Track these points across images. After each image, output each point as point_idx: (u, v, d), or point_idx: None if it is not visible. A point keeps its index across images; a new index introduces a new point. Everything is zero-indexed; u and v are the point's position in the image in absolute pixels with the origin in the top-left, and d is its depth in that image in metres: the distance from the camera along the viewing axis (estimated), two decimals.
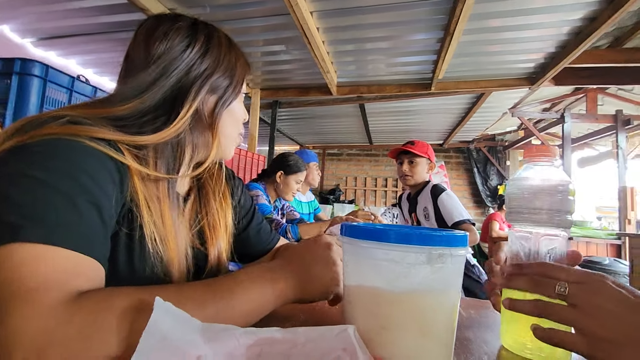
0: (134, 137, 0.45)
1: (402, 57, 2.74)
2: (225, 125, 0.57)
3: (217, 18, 2.26)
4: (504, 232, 4.29)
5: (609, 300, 0.35)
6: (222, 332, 0.34)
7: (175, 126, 0.49)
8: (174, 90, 0.50)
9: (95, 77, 3.36)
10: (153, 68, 0.49)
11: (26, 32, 2.65)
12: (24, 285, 0.30)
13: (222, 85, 0.55)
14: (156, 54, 0.50)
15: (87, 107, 0.46)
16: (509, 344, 0.47)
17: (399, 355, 0.36)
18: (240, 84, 0.58)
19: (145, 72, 0.49)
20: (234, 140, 0.61)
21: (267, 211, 1.70)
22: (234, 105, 0.58)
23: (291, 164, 1.87)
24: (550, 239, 0.47)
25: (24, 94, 1.38)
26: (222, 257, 0.60)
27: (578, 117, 4.09)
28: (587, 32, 2.14)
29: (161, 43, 0.50)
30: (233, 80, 0.56)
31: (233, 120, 0.59)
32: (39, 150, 0.36)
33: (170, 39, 0.51)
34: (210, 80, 0.53)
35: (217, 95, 0.55)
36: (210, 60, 0.53)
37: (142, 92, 0.48)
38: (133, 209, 0.45)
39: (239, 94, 0.59)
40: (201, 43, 0.53)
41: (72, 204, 0.35)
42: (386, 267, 0.36)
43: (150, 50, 0.50)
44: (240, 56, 0.58)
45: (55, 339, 0.29)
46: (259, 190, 1.77)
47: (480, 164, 6.06)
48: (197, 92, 0.51)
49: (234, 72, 0.56)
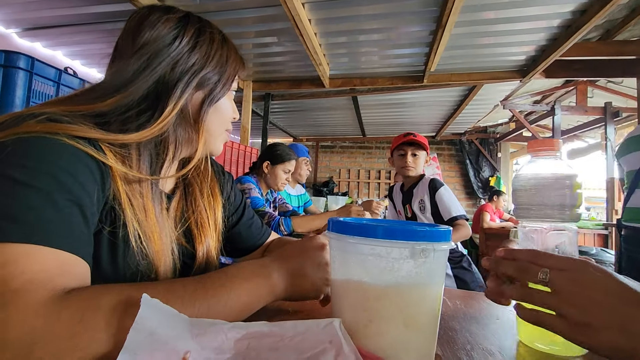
0: (116, 136, 0.44)
1: (395, 50, 2.73)
2: (212, 122, 0.56)
3: (207, 9, 2.23)
4: (494, 223, 4.36)
5: (588, 285, 0.36)
6: (209, 327, 0.34)
7: (160, 124, 0.47)
8: (159, 84, 0.49)
9: (83, 68, 3.30)
10: (137, 58, 0.48)
11: (10, 22, 2.58)
12: (8, 285, 0.30)
13: (210, 82, 0.53)
14: (142, 44, 0.48)
15: (70, 102, 0.45)
16: (524, 337, 0.48)
17: (384, 347, 0.37)
18: (230, 81, 0.56)
19: (129, 62, 0.47)
20: (221, 137, 0.60)
21: (259, 204, 1.70)
22: (222, 102, 0.57)
23: (277, 154, 1.86)
24: (559, 234, 0.47)
25: (9, 87, 1.35)
26: (210, 255, 0.60)
27: (568, 109, 4.14)
28: (578, 25, 2.16)
29: (148, 33, 0.49)
30: (223, 76, 0.55)
31: (220, 118, 0.58)
32: (16, 149, 0.35)
33: (157, 29, 0.49)
34: (199, 75, 0.52)
35: (205, 92, 0.53)
36: (199, 54, 0.52)
37: (125, 85, 0.47)
38: (115, 207, 0.44)
39: (228, 90, 0.57)
40: (190, 36, 0.51)
41: (52, 202, 0.35)
42: (372, 261, 0.37)
43: (137, 41, 0.49)
44: (233, 53, 0.57)
45: (43, 337, 0.29)
46: (251, 184, 1.76)
47: (473, 156, 6.11)
48: (184, 87, 0.50)
49: (224, 69, 0.55)
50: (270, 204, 1.95)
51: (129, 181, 0.46)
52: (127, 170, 0.45)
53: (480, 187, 5.99)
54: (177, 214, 0.58)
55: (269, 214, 1.69)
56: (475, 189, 5.99)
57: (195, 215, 0.59)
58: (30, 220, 0.33)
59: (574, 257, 0.42)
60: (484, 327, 0.53)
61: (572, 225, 0.48)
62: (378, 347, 0.36)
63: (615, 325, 0.34)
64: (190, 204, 0.60)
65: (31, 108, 0.42)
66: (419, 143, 1.83)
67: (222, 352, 0.33)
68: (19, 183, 0.34)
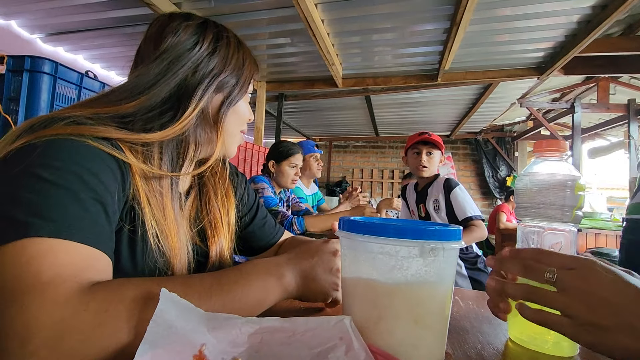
0: (140, 135, 0.46)
1: (408, 49, 2.71)
2: (230, 123, 0.58)
3: (222, 12, 2.26)
4: (511, 224, 4.27)
5: (597, 285, 0.35)
6: (224, 321, 0.35)
7: (182, 123, 0.50)
8: (181, 87, 0.51)
9: (103, 71, 3.40)
10: (159, 62, 0.50)
11: (35, 27, 2.68)
12: (39, 278, 0.32)
13: (229, 84, 0.56)
14: (164, 49, 0.51)
15: (96, 104, 0.48)
16: (515, 335, 0.48)
17: (394, 344, 0.37)
18: (247, 83, 0.59)
19: (152, 66, 0.50)
20: (237, 138, 0.62)
21: (272, 204, 1.71)
22: (240, 105, 0.59)
23: (280, 151, 1.86)
24: (555, 234, 0.47)
25: (35, 90, 1.41)
26: (224, 255, 0.62)
27: (589, 106, 4.02)
28: (598, 20, 2.10)
29: (170, 39, 0.52)
30: (240, 79, 0.57)
31: (237, 119, 0.60)
32: (45, 151, 0.38)
33: (178, 35, 0.52)
34: (218, 79, 0.54)
35: (224, 94, 0.56)
36: (218, 59, 0.54)
37: (149, 87, 0.49)
38: (135, 206, 0.46)
39: (245, 93, 0.60)
40: (209, 41, 0.54)
41: (78, 200, 0.37)
42: (381, 260, 0.38)
43: (159, 46, 0.51)
44: (248, 56, 0.59)
45: (72, 326, 0.31)
46: (264, 183, 1.78)
47: (489, 155, 6.00)
48: (204, 90, 0.52)
49: (241, 72, 0.57)
50: (283, 203, 1.97)
51: (149, 180, 0.49)
52: (148, 167, 0.47)
53: (497, 186, 5.88)
54: (191, 213, 0.60)
55: (282, 213, 1.70)
56: (492, 189, 5.88)
57: (209, 216, 0.61)
58: (58, 217, 0.35)
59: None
60: (495, 327, 0.52)
61: (572, 226, 0.48)
62: (388, 344, 0.37)
63: (624, 325, 0.33)
64: (204, 205, 0.61)
65: (60, 111, 0.44)
66: (433, 142, 1.82)
67: (237, 345, 0.34)
68: (48, 182, 0.36)
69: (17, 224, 0.33)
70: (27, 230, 0.33)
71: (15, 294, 0.31)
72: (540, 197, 0.47)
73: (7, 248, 0.33)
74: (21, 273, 0.32)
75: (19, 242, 0.33)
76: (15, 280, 0.32)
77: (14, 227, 0.33)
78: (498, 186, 5.88)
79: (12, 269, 0.32)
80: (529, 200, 0.49)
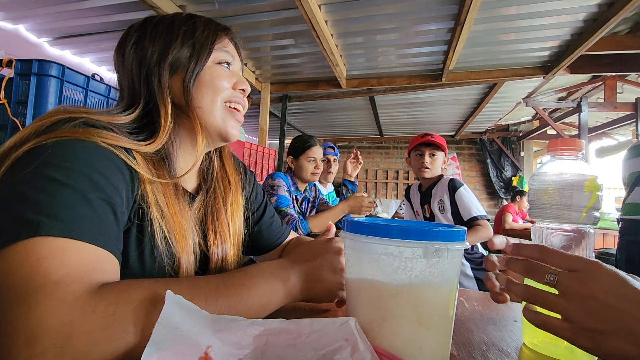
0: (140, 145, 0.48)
1: (412, 49, 2.70)
2: (202, 98, 0.53)
3: (226, 14, 2.28)
4: (517, 225, 4.24)
5: (597, 289, 0.34)
6: (230, 323, 0.36)
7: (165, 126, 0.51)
8: (141, 88, 0.53)
9: (109, 74, 3.42)
10: (122, 78, 0.55)
11: (42, 31, 2.72)
12: (48, 278, 0.32)
13: (182, 59, 0.53)
14: (119, 65, 0.56)
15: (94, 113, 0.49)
16: (529, 340, 0.47)
17: (399, 345, 0.37)
18: (206, 49, 0.54)
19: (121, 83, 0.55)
20: (220, 112, 0.56)
21: (284, 204, 1.69)
22: (206, 74, 0.54)
23: (296, 146, 1.85)
24: (564, 235, 0.46)
25: (42, 94, 1.43)
26: (227, 259, 0.61)
27: (596, 105, 3.97)
28: (605, 18, 2.07)
29: (119, 53, 0.56)
30: (195, 48, 0.53)
31: (210, 90, 0.54)
32: (55, 151, 0.38)
33: (124, 44, 0.55)
34: (167, 60, 0.52)
35: (183, 72, 0.53)
36: (159, 43, 0.53)
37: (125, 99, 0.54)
38: (143, 207, 0.47)
39: (208, 59, 0.54)
40: (146, 34, 0.54)
41: (87, 200, 0.38)
42: (385, 261, 0.38)
43: (117, 64, 0.56)
44: (202, 23, 0.56)
45: (80, 328, 0.31)
46: (282, 180, 1.75)
47: (494, 155, 5.96)
48: (158, 80, 0.52)
49: (193, 41, 0.53)
50: (308, 202, 1.92)
51: (155, 182, 0.49)
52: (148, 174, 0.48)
53: (503, 187, 5.83)
54: (198, 214, 0.60)
55: (290, 215, 1.68)
56: (497, 189, 5.84)
57: (214, 223, 0.60)
58: (67, 217, 0.36)
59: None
60: (501, 329, 0.52)
61: (589, 227, 0.47)
62: (392, 345, 0.37)
63: (624, 330, 0.33)
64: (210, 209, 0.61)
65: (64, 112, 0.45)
66: (436, 144, 1.81)
67: (242, 347, 0.35)
68: (57, 182, 0.37)
69: (27, 223, 0.34)
70: (37, 230, 0.34)
71: (24, 293, 0.31)
72: (555, 197, 0.46)
73: (17, 247, 0.33)
74: (31, 272, 0.32)
75: (29, 241, 0.33)
76: (25, 279, 0.32)
77: (24, 227, 0.34)
78: (503, 186, 5.83)
79: (22, 269, 0.32)
80: (543, 200, 0.48)
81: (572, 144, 0.49)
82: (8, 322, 0.31)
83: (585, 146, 4.12)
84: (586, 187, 0.46)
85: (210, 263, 0.59)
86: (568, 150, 0.49)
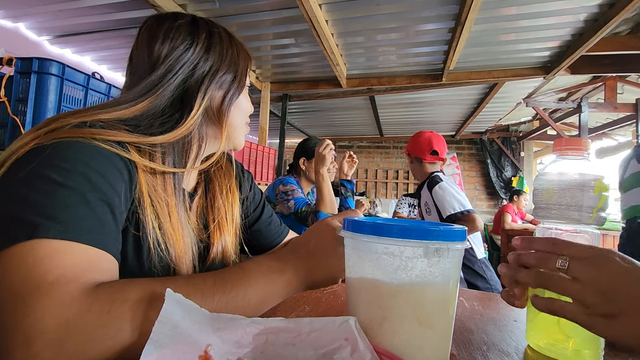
0: (147, 138, 0.47)
1: (413, 48, 2.70)
2: (234, 117, 0.59)
3: (227, 13, 2.27)
4: (516, 225, 4.24)
5: (610, 273, 0.35)
6: (229, 322, 0.36)
7: (187, 124, 0.51)
8: (182, 90, 0.52)
9: (109, 72, 3.42)
10: (157, 67, 0.51)
11: (43, 30, 2.71)
12: (44, 279, 0.32)
13: (227, 80, 0.56)
14: (159, 55, 0.51)
15: (101, 110, 0.48)
16: (534, 342, 0.47)
17: (399, 345, 0.37)
18: (244, 76, 0.59)
19: (150, 72, 0.51)
20: (243, 130, 0.63)
21: (302, 205, 1.67)
22: (241, 98, 0.60)
23: (311, 147, 1.84)
24: (571, 236, 0.46)
25: (43, 92, 1.42)
26: (227, 251, 0.61)
27: (596, 106, 3.97)
28: (605, 19, 2.07)
29: (163, 43, 0.52)
30: (237, 74, 0.58)
31: (240, 112, 0.61)
32: (53, 152, 0.38)
33: (172, 38, 0.52)
34: (217, 76, 0.55)
35: (224, 90, 0.56)
36: (214, 57, 0.55)
37: (148, 93, 0.50)
38: (141, 206, 0.47)
39: (245, 86, 0.60)
40: (203, 40, 0.54)
41: (85, 201, 0.38)
42: (385, 260, 0.37)
43: (153, 51, 0.52)
44: (241, 49, 0.60)
45: (76, 327, 0.31)
46: (293, 185, 1.75)
47: (494, 155, 5.96)
48: (205, 90, 0.53)
49: (237, 66, 0.58)
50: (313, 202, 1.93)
51: (154, 180, 0.49)
52: (152, 164, 0.47)
53: (503, 187, 5.83)
54: (198, 211, 0.60)
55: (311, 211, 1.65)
56: (497, 189, 5.84)
57: (214, 212, 0.61)
58: (65, 218, 0.35)
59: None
60: (501, 329, 0.52)
61: (593, 228, 0.46)
62: (393, 345, 0.37)
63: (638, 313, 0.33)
64: (210, 201, 0.62)
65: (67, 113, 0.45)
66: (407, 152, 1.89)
67: (242, 346, 0.35)
68: (55, 183, 0.37)
69: (24, 225, 0.34)
70: (34, 232, 0.34)
71: (21, 295, 0.31)
72: (560, 198, 0.46)
73: (15, 249, 0.33)
74: (28, 274, 0.32)
75: (27, 243, 0.33)
76: (22, 281, 0.32)
77: (22, 228, 0.34)
78: (504, 186, 5.83)
79: (19, 271, 0.32)
80: (548, 200, 0.47)
81: (578, 144, 0.48)
82: (5, 323, 0.31)
83: None
84: (596, 187, 0.45)
85: (209, 254, 0.59)
86: (574, 150, 0.49)
